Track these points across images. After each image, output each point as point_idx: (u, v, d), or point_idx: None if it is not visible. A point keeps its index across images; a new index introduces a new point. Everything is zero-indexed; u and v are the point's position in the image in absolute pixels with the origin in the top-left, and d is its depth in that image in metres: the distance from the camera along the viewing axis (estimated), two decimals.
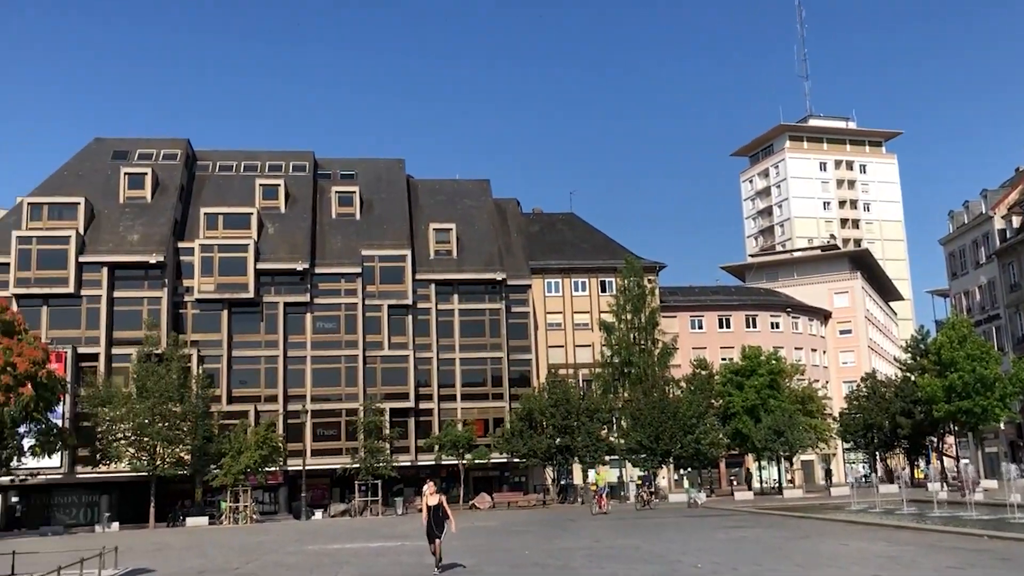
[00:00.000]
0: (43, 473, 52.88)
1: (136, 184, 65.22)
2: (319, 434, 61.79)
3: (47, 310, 58.70)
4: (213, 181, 69.57)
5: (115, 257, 60.26)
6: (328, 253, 65.54)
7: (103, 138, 70.91)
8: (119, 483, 56.55)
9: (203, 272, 61.70)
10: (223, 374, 60.95)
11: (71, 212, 61.44)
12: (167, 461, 52.74)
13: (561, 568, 18.38)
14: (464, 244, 68.42)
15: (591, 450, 58.19)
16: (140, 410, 51.76)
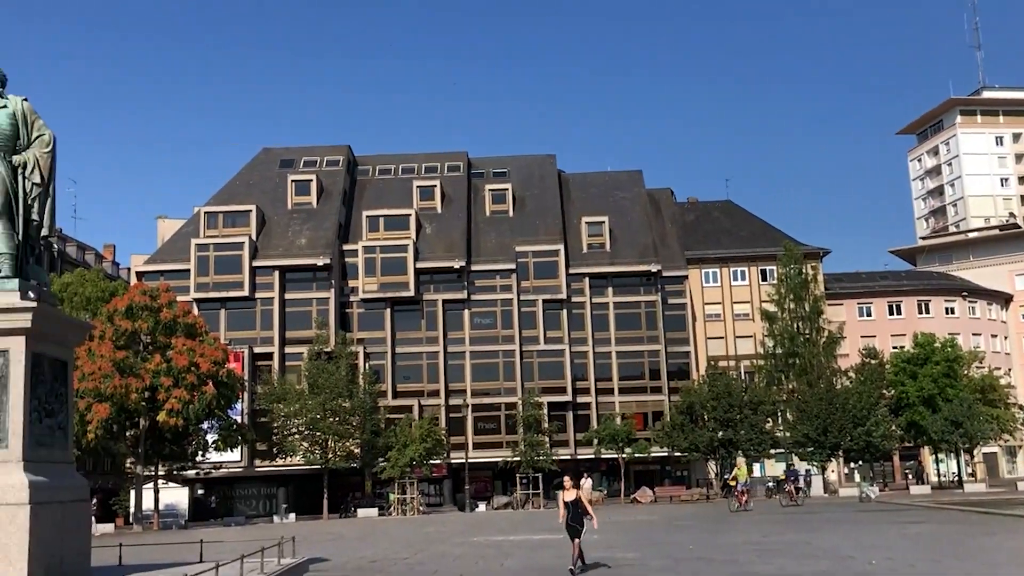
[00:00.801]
0: (225, 466, 56.15)
1: (302, 191, 68.27)
2: (480, 428, 62.93)
3: (225, 313, 62.21)
4: (373, 185, 71.97)
5: (285, 261, 63.25)
6: (483, 250, 66.59)
7: (270, 148, 74.53)
8: (294, 476, 59.33)
9: (367, 273, 63.92)
10: (387, 370, 62.98)
11: (244, 219, 64.88)
12: (338, 454, 54.91)
13: (727, 563, 18.00)
14: (617, 236, 68.03)
15: (755, 443, 56.73)
16: (312, 406, 54.08)
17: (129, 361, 45.45)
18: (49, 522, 12.11)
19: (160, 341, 47.54)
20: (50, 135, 13.20)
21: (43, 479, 12.21)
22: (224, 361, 49.52)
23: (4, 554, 11.49)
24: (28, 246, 13.23)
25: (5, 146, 12.88)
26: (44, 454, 12.66)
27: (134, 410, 45.77)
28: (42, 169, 13.00)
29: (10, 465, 11.95)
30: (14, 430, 12.08)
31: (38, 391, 12.60)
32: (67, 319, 14.92)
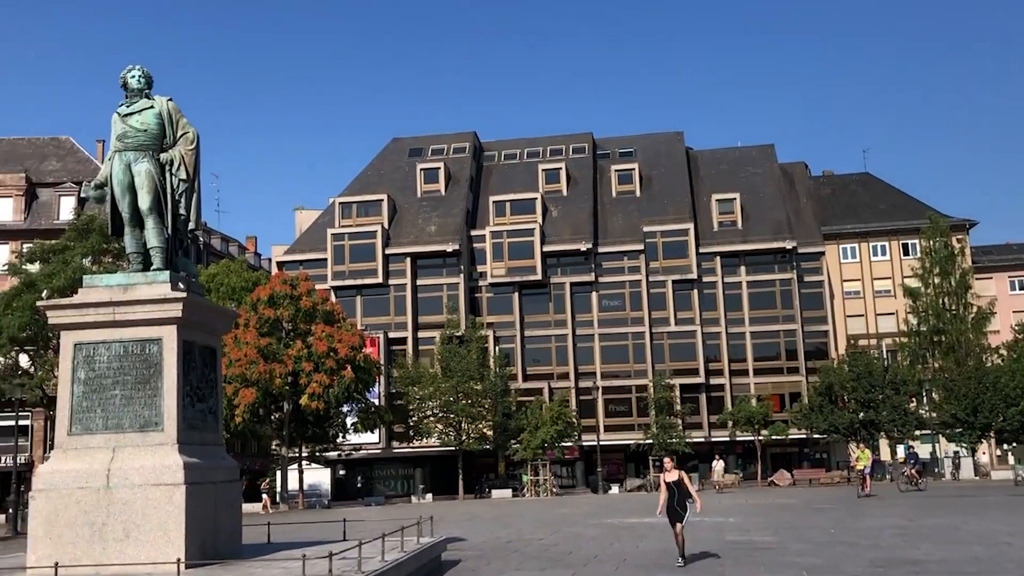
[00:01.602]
0: (364, 448, 58.04)
1: (431, 178, 69.51)
2: (611, 410, 62.82)
3: (360, 299, 64.10)
4: (499, 170, 72.58)
5: (416, 248, 64.60)
6: (610, 232, 66.25)
7: (400, 138, 76.11)
8: (430, 457, 60.75)
9: (494, 257, 64.60)
10: (517, 353, 63.59)
11: (376, 209, 66.56)
12: (471, 436, 55.87)
13: (871, 547, 17.40)
14: (749, 213, 66.47)
15: (898, 424, 54.61)
16: (445, 389, 55.16)
17: (272, 347, 47.46)
18: (203, 501, 12.75)
19: (301, 328, 49.42)
20: (194, 132, 13.83)
21: (196, 460, 12.85)
22: (361, 346, 51.08)
23: (163, 531, 12.18)
24: (177, 239, 13.92)
25: (153, 145, 13.57)
26: (196, 437, 13.32)
27: (278, 394, 47.80)
28: (187, 165, 13.64)
29: (166, 447, 12.64)
30: (168, 414, 12.75)
31: (190, 377, 13.27)
32: (215, 308, 15.63)
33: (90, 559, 12.06)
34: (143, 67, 13.83)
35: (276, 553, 14.11)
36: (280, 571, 11.73)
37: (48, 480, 12.58)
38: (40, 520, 12.47)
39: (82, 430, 12.82)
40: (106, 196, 13.71)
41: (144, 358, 12.88)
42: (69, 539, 12.27)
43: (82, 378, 12.90)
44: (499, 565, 16.47)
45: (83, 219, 47.32)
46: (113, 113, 13.71)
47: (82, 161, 66.18)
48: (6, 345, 45.15)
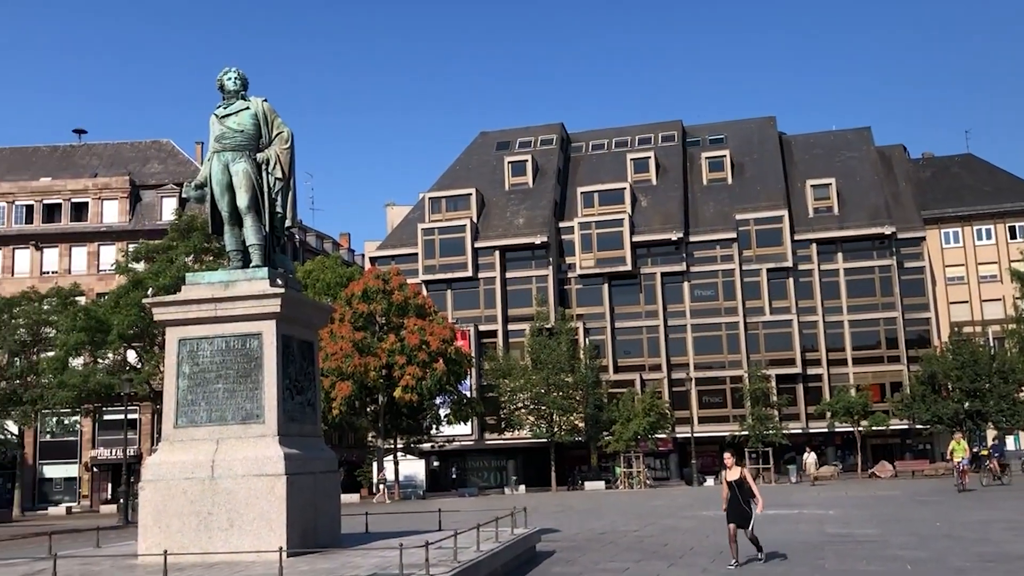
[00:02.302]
0: (457, 439, 58.62)
1: (519, 171, 69.65)
2: (704, 401, 62.03)
3: (451, 293, 64.68)
4: (587, 160, 72.30)
5: (505, 241, 64.84)
6: (701, 220, 65.34)
7: (487, 131, 76.46)
8: (522, 449, 61.00)
9: (583, 249, 64.39)
10: (608, 345, 63.29)
11: (465, 203, 67.05)
12: (563, 428, 55.91)
13: (978, 541, 16.78)
14: (846, 198, 64.72)
15: (1007, 415, 52.47)
16: (536, 381, 55.31)
17: (367, 341, 48.37)
18: (303, 491, 13.08)
19: (393, 322, 50.21)
20: (288, 132, 14.16)
21: (296, 451, 13.19)
22: (452, 339, 51.61)
23: (265, 521, 12.54)
24: (274, 237, 14.28)
25: (249, 145, 13.95)
26: (296, 428, 13.67)
27: (373, 387, 48.70)
28: (283, 164, 13.99)
29: (267, 439, 13.00)
30: (269, 406, 13.12)
31: (289, 370, 13.61)
32: (312, 303, 16.01)
33: (197, 547, 12.50)
34: (239, 69, 14.22)
35: (374, 542, 14.38)
36: (378, 560, 11.95)
37: (156, 471, 13.09)
38: (149, 510, 12.99)
39: (187, 423, 13.30)
40: (206, 196, 14.16)
41: (245, 352, 13.27)
42: (177, 528, 12.74)
43: (186, 372, 13.38)
44: (594, 556, 16.45)
45: (184, 219, 48.98)
46: (211, 115, 14.15)
47: (182, 163, 68.46)
48: (115, 342, 47.11)
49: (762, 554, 14.66)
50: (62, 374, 46.82)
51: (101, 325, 46.27)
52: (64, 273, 61.97)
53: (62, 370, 47.15)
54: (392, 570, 10.51)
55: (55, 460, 60.88)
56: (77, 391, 46.66)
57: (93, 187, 64.90)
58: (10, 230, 63.97)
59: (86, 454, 60.18)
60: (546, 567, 15.21)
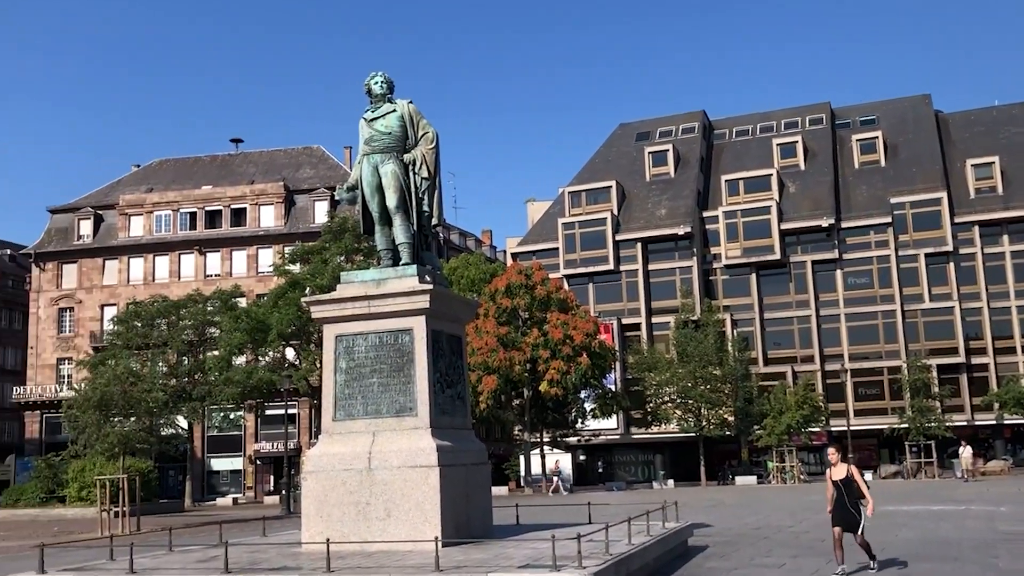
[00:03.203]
0: (603, 434, 58.51)
1: (659, 161, 68.84)
2: (860, 393, 59.67)
3: (592, 287, 64.55)
4: (730, 147, 70.76)
5: (647, 232, 64.19)
6: (854, 205, 62.87)
7: (627, 123, 75.90)
8: (670, 443, 60.31)
9: (729, 238, 63.02)
10: (756, 336, 61.75)
11: (605, 196, 66.77)
12: (712, 422, 54.96)
13: None
14: (1011, 178, 60.91)
15: None
16: (682, 374, 54.55)
17: (511, 336, 48.89)
18: (455, 482, 13.34)
19: (536, 316, 50.56)
20: (433, 132, 14.46)
21: (448, 443, 13.47)
22: (595, 333, 51.53)
23: (420, 511, 12.86)
24: (422, 235, 14.61)
25: (397, 146, 14.32)
26: (447, 421, 13.96)
27: (518, 381, 49.21)
28: (429, 164, 14.30)
29: (420, 431, 13.33)
30: (421, 399, 13.45)
31: (439, 364, 13.92)
32: (459, 298, 16.32)
33: (356, 536, 12.93)
34: (385, 73, 14.61)
35: (525, 534, 14.52)
36: (531, 551, 12.05)
37: (317, 463, 13.63)
38: (311, 500, 13.54)
39: (345, 416, 13.78)
40: (357, 198, 14.63)
41: (397, 347, 13.65)
42: (337, 517, 13.23)
43: (343, 367, 13.86)
44: (749, 552, 16.10)
45: (336, 221, 50.72)
46: (360, 119, 14.59)
47: (332, 167, 71.01)
48: (275, 340, 49.25)
49: (874, 563, 12.99)
50: (227, 372, 49.33)
51: (261, 325, 48.47)
52: (226, 276, 65.35)
53: (226, 368, 49.66)
54: (545, 561, 10.59)
55: (221, 454, 64.35)
56: (241, 388, 49.07)
57: (251, 193, 68.15)
58: (176, 236, 67.93)
59: (250, 448, 63.34)
60: (699, 561, 14.99)
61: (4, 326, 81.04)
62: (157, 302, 54.92)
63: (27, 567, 13.69)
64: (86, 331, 66.87)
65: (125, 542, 13.63)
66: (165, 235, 68.13)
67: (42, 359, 68.20)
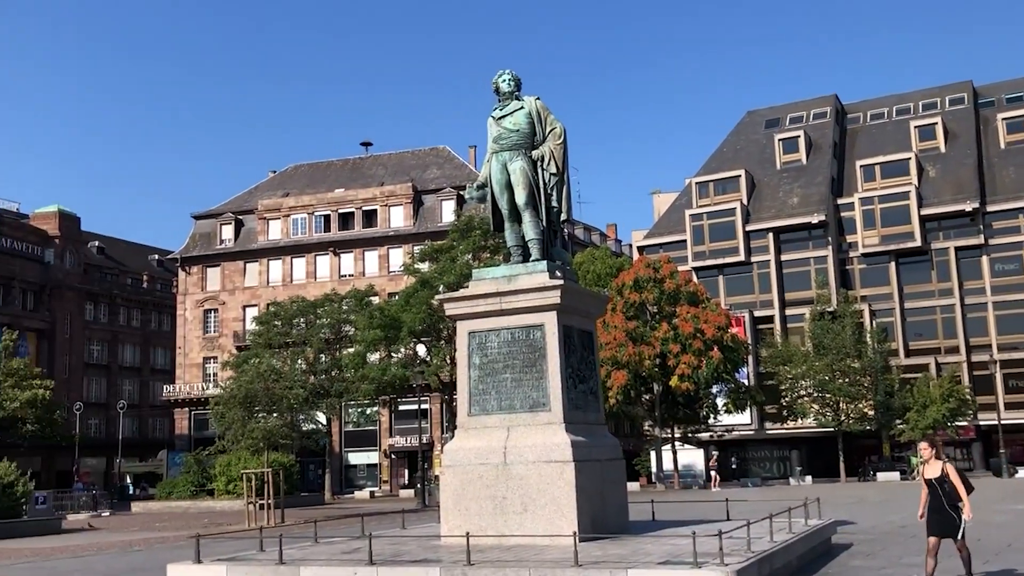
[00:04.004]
0: (736, 429, 57.34)
1: (790, 148, 66.95)
2: (1012, 385, 56.55)
3: (722, 279, 63.30)
4: (865, 132, 68.22)
5: (778, 222, 62.51)
6: (1000, 188, 59.59)
7: (755, 110, 74.11)
8: (806, 438, 58.61)
9: (865, 226, 60.75)
10: (897, 327, 59.33)
11: (734, 185, 65.39)
12: (851, 417, 53.14)
13: None
14: None
15: None
16: (819, 367, 52.93)
17: (639, 330, 48.46)
18: (590, 478, 13.30)
19: (665, 310, 49.93)
20: (561, 128, 14.42)
21: (582, 439, 13.43)
22: (727, 326, 50.53)
23: (556, 506, 12.88)
24: (551, 231, 14.59)
25: (525, 143, 14.34)
26: (580, 416, 13.92)
27: (647, 376, 48.73)
28: (557, 160, 14.27)
29: (554, 426, 13.34)
30: (554, 395, 13.46)
31: (570, 360, 13.89)
32: (589, 293, 16.25)
33: (493, 530, 13.05)
34: (512, 71, 14.67)
35: (662, 530, 14.37)
36: (669, 547, 11.91)
37: (453, 457, 13.83)
38: (449, 493, 13.75)
39: (479, 411, 13.92)
40: (487, 196, 14.73)
41: (529, 343, 13.70)
42: (475, 511, 13.38)
43: (476, 363, 14.01)
44: (896, 550, 15.48)
45: (463, 220, 51.37)
46: (488, 117, 14.70)
47: (458, 167, 72.00)
48: (406, 338, 50.29)
49: None
50: (362, 368, 50.69)
51: (393, 322, 49.55)
52: (359, 276, 67.17)
53: (362, 365, 51.02)
54: (685, 557, 10.44)
55: (358, 448, 66.24)
56: (375, 384, 50.34)
57: (380, 195, 69.82)
58: (311, 239, 70.25)
59: (384, 442, 64.95)
60: (844, 560, 14.51)
61: (154, 328, 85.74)
62: (295, 302, 56.90)
63: (184, 556, 14.43)
64: (229, 331, 69.94)
65: (272, 534, 14.22)
66: (301, 237, 70.55)
67: (189, 358, 71.73)
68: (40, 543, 26.32)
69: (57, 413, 53.82)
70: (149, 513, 46.00)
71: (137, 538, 27.70)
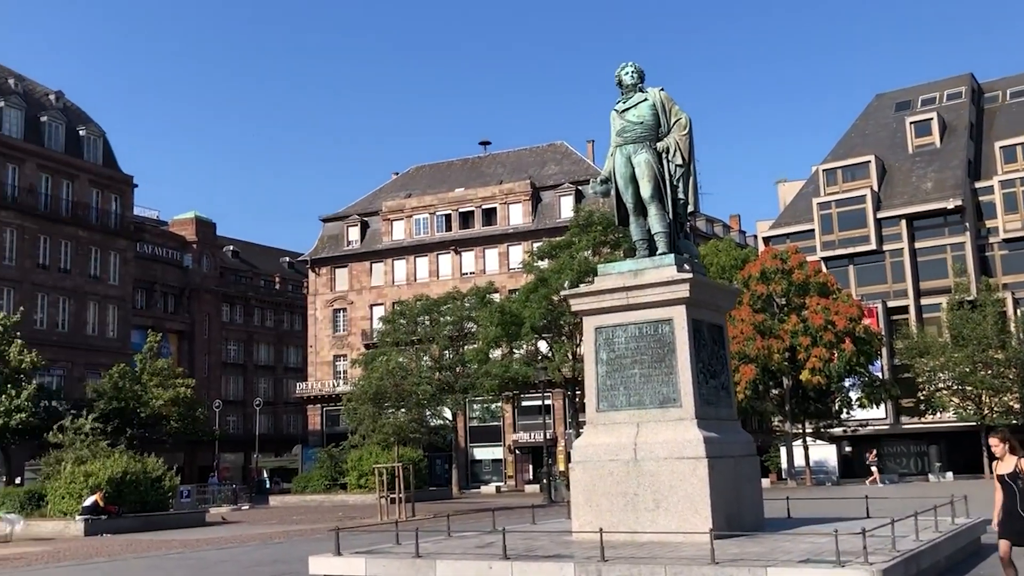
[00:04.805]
0: (870, 424, 55.34)
1: (923, 131, 64.19)
2: None
3: (852, 268, 61.20)
4: (1004, 111, 64.80)
5: (912, 208, 60.03)
6: None
7: (883, 93, 71.35)
8: (946, 433, 56.10)
9: (1007, 210, 57.74)
10: None
11: (863, 171, 63.13)
12: (994, 410, 50.59)
13: None
14: None
15: None
16: (959, 359, 50.57)
17: (767, 323, 47.32)
18: (724, 475, 13.05)
19: (794, 302, 48.62)
20: (686, 118, 14.19)
21: (714, 435, 13.19)
22: (859, 317, 48.84)
23: (689, 503, 12.69)
24: (678, 223, 14.39)
25: (649, 135, 14.17)
26: (712, 412, 13.68)
27: (777, 370, 47.55)
28: (683, 151, 14.05)
29: (685, 422, 13.15)
30: (685, 391, 13.25)
31: (701, 354, 13.66)
32: (719, 286, 15.95)
33: (625, 527, 12.97)
34: (635, 63, 14.52)
35: (799, 528, 13.99)
36: (808, 545, 11.59)
37: (583, 453, 13.79)
38: (580, 489, 13.72)
39: (608, 407, 13.84)
40: (611, 190, 14.63)
41: (657, 338, 13.54)
42: (606, 507, 13.32)
43: (604, 359, 13.93)
44: None
45: (582, 215, 51.21)
46: (611, 111, 14.60)
47: (576, 162, 71.86)
48: (528, 334, 50.52)
49: None
50: (485, 365, 51.22)
51: (515, 319, 49.85)
52: (480, 273, 67.87)
53: (485, 361, 51.55)
54: (827, 556, 10.12)
55: (482, 443, 66.98)
56: (499, 380, 50.80)
57: (499, 193, 70.36)
58: (433, 238, 71.40)
59: (508, 438, 65.47)
60: (995, 560, 13.76)
61: (286, 328, 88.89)
62: (419, 301, 57.96)
63: (323, 548, 14.89)
64: (357, 330, 71.82)
65: (405, 527, 14.50)
66: (423, 237, 71.78)
67: (320, 356, 73.99)
68: (186, 535, 27.62)
69: (199, 411, 56.34)
70: (286, 506, 47.68)
71: (276, 531, 28.75)
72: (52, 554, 22.47)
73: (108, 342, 60.45)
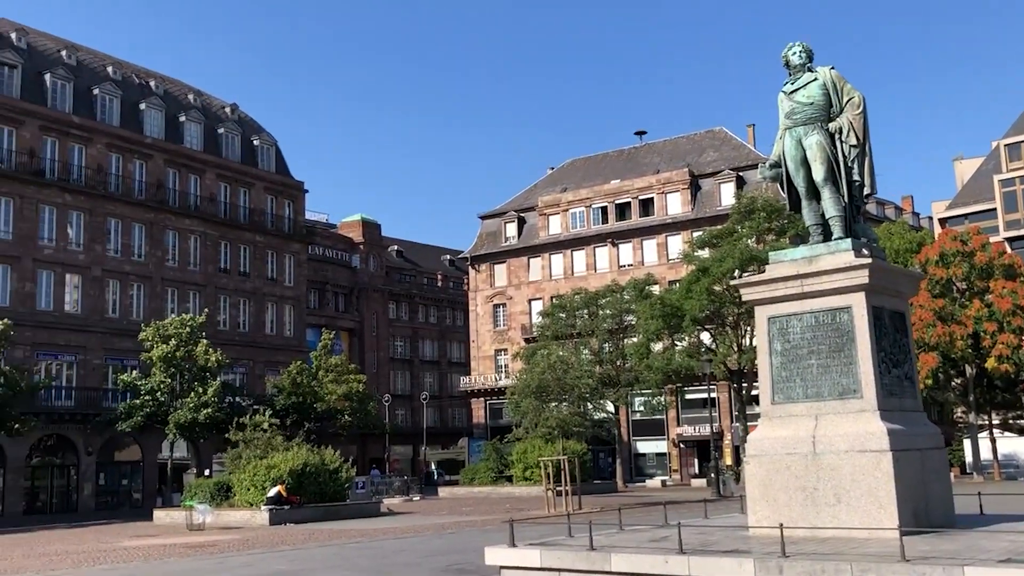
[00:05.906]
0: None
1: None
2: None
3: None
4: None
5: None
6: None
7: None
8: None
9: None
10: None
11: None
12: None
13: None
14: None
15: None
16: None
17: (948, 309, 44.80)
18: (909, 468, 12.41)
19: (977, 286, 45.87)
20: (860, 97, 13.55)
21: (898, 427, 12.56)
22: None
23: (873, 498, 12.14)
24: (853, 206, 13.77)
25: (820, 116, 13.62)
26: (895, 403, 13.03)
27: (959, 358, 44.98)
28: (857, 131, 13.44)
29: (867, 414, 12.57)
30: (866, 381, 12.68)
31: (882, 343, 13.04)
32: (899, 271, 15.16)
33: (804, 522, 12.54)
34: (803, 43, 14.01)
35: (995, 525, 13.16)
36: (1008, 544, 10.86)
37: (758, 447, 13.41)
38: (756, 483, 13.35)
39: (784, 399, 13.41)
40: (780, 175, 14.16)
41: (835, 327, 13.01)
42: (783, 502, 12.91)
43: (778, 349, 13.49)
44: None
45: (745, 201, 49.94)
46: (779, 93, 14.14)
47: (735, 148, 70.11)
48: (690, 326, 49.71)
49: None
50: (647, 358, 50.75)
51: (675, 311, 49.15)
52: (638, 265, 67.30)
53: (646, 355, 51.09)
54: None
55: (646, 437, 66.44)
56: (661, 373, 50.22)
57: (656, 183, 69.51)
58: (590, 231, 71.34)
59: (672, 431, 64.66)
60: None
61: (449, 323, 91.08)
62: (578, 294, 58.05)
63: (496, 540, 15.14)
64: (517, 324, 72.69)
65: (575, 520, 14.54)
66: (580, 231, 71.82)
67: (482, 351, 75.34)
68: (362, 525, 28.74)
69: (370, 405, 58.47)
70: (454, 498, 48.86)
71: (448, 521, 29.49)
72: (242, 542, 23.86)
73: (286, 341, 63.63)
